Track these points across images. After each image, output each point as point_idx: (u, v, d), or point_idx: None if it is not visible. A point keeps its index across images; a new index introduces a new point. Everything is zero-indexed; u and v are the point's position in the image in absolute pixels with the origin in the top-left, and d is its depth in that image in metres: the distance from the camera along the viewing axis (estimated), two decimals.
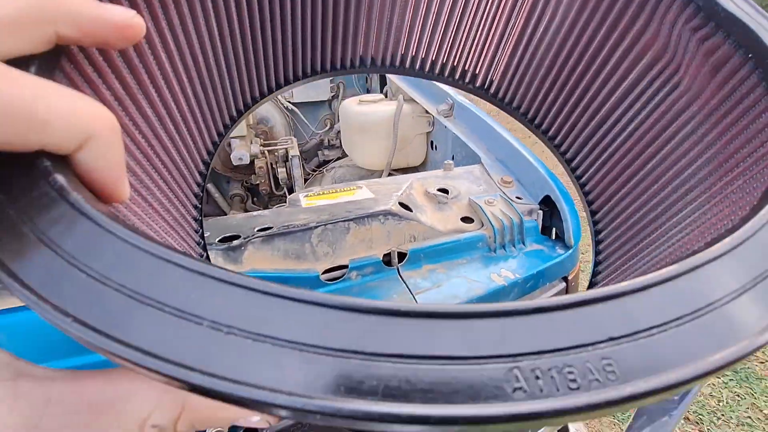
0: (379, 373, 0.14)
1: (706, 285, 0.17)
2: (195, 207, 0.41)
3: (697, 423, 1.71)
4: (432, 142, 1.27)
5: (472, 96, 0.67)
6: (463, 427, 0.14)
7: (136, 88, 0.30)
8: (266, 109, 1.66)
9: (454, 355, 0.15)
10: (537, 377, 0.14)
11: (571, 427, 0.94)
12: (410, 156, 1.28)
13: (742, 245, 0.19)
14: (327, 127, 1.84)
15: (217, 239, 0.59)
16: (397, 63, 0.59)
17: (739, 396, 1.79)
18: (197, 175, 0.42)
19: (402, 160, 1.28)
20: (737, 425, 1.68)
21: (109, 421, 0.19)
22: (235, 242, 0.58)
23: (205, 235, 0.59)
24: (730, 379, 1.86)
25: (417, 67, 0.60)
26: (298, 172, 1.43)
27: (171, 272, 0.15)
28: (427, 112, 1.22)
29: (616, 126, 0.47)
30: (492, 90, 0.60)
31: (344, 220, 0.64)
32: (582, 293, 0.16)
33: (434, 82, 1.24)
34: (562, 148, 0.55)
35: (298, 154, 1.45)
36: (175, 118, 0.36)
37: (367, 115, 1.25)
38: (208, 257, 0.38)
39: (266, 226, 0.63)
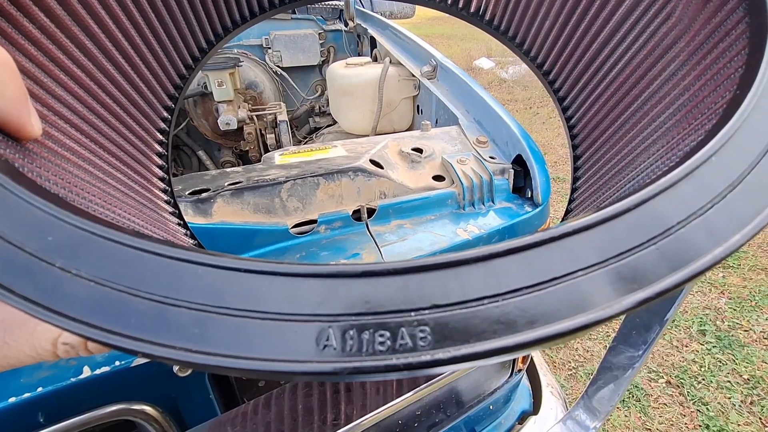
0: (204, 322, 0.16)
1: (559, 256, 0.17)
2: (160, 143, 0.42)
3: (678, 386, 1.76)
4: (418, 106, 1.26)
5: (455, 56, 0.65)
6: (269, 377, 0.16)
7: (69, 20, 0.30)
8: (255, 74, 1.64)
9: (275, 311, 0.16)
10: (350, 337, 0.15)
11: (543, 379, 0.98)
12: (396, 121, 1.28)
13: (620, 216, 0.18)
14: (318, 93, 1.82)
15: (187, 192, 0.61)
16: None
17: (720, 362, 1.84)
18: (161, 109, 0.42)
19: (388, 125, 1.28)
20: (717, 389, 1.73)
21: (23, 337, 0.21)
22: (204, 195, 0.60)
23: (176, 189, 0.61)
24: (714, 346, 1.90)
25: None
26: (286, 138, 1.43)
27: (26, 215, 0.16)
28: (413, 75, 1.21)
29: (607, 61, 0.45)
30: (487, 17, 0.58)
31: (313, 176, 0.65)
32: (418, 260, 0.17)
33: (421, 41, 1.22)
34: (555, 84, 0.52)
35: (287, 119, 1.44)
36: (124, 49, 0.36)
37: (352, 78, 1.24)
38: (172, 193, 0.39)
39: (237, 180, 0.64)
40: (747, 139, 0.20)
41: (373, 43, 1.57)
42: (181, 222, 0.36)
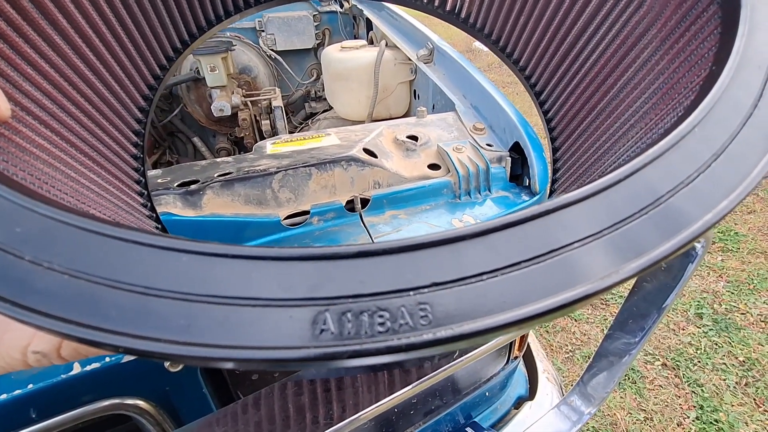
0: (191, 312, 0.15)
1: (553, 231, 0.17)
2: (135, 145, 0.41)
3: (674, 369, 1.78)
4: (415, 91, 1.23)
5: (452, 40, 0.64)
6: (263, 366, 0.15)
7: (36, 13, 0.29)
8: (248, 58, 1.60)
9: (266, 297, 0.15)
10: (348, 320, 0.15)
11: (540, 365, 0.98)
12: (392, 106, 1.25)
13: (611, 188, 0.18)
14: (313, 78, 1.78)
15: (176, 184, 0.59)
16: None
17: (717, 344, 1.85)
18: (135, 110, 0.41)
19: (384, 110, 1.25)
20: (712, 371, 1.75)
21: None
22: (193, 186, 0.58)
23: (165, 180, 0.59)
24: (710, 329, 1.91)
25: None
26: (281, 124, 1.40)
27: None
28: (410, 59, 1.17)
29: (581, 54, 0.45)
30: (462, 15, 0.58)
31: (305, 166, 0.64)
32: (414, 238, 0.16)
33: (417, 23, 1.19)
34: (532, 79, 0.53)
35: (281, 105, 1.42)
36: (96, 47, 0.35)
37: (347, 62, 1.21)
38: (149, 195, 0.38)
39: (227, 171, 0.63)
40: (727, 111, 0.20)
41: (369, 25, 1.53)
42: (159, 226, 0.35)
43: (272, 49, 1.66)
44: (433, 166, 0.72)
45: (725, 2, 0.26)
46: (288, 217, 0.62)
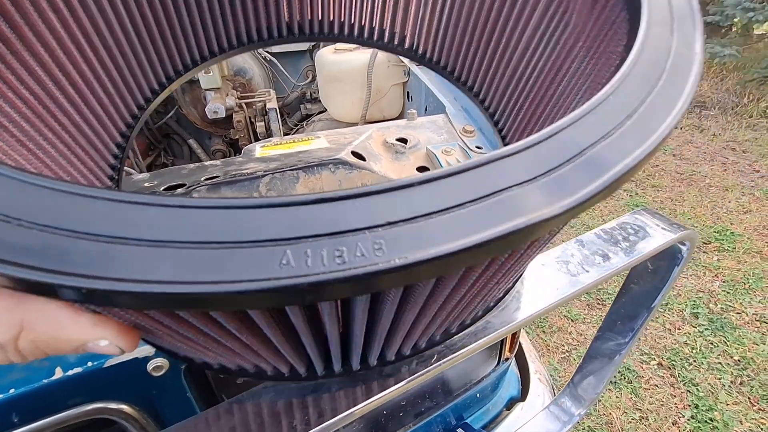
0: (163, 255, 0.16)
1: (494, 176, 0.19)
2: (110, 178, 0.41)
3: (670, 368, 1.78)
4: (408, 93, 1.23)
5: None
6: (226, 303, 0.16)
7: (20, 45, 0.29)
8: (243, 60, 1.60)
9: (229, 240, 0.16)
10: (308, 255, 0.16)
11: (532, 366, 0.98)
12: (386, 108, 1.25)
13: (542, 143, 0.20)
14: (308, 80, 1.78)
15: (162, 188, 0.59)
16: (326, 30, 0.60)
17: (712, 344, 1.86)
18: (113, 146, 0.41)
19: (377, 112, 1.25)
20: (707, 370, 1.75)
21: None
22: (179, 190, 0.59)
23: (152, 184, 0.59)
24: (706, 329, 1.92)
25: (346, 32, 0.61)
26: (276, 126, 1.40)
27: None
28: (402, 61, 1.18)
29: (524, 74, 0.50)
30: (419, 51, 0.62)
31: (293, 169, 0.64)
32: (368, 186, 0.18)
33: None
34: (485, 103, 0.59)
35: (276, 107, 1.42)
36: (77, 84, 0.35)
37: (341, 64, 1.21)
38: None
39: (214, 175, 0.63)
40: (636, 84, 0.24)
41: None
42: None
43: (267, 51, 1.66)
44: (422, 169, 0.72)
45: (630, 6, 0.31)
46: None
